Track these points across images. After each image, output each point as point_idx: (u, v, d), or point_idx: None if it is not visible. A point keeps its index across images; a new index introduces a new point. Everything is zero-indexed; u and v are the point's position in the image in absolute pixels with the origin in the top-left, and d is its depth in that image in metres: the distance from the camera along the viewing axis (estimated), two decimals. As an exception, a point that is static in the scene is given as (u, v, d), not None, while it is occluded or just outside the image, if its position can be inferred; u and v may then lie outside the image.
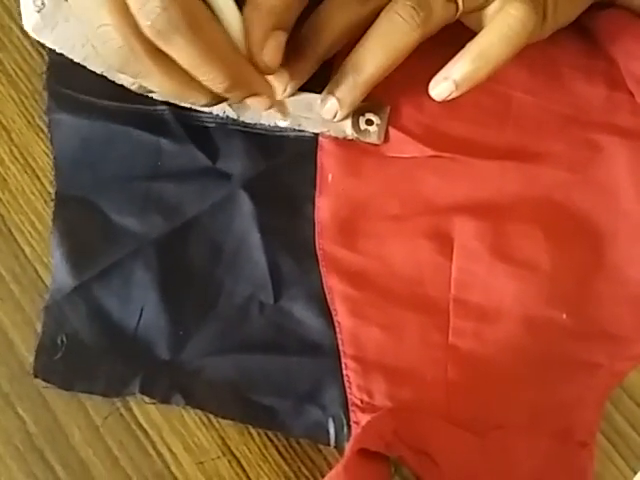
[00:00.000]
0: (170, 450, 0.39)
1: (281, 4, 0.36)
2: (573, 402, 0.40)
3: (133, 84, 0.38)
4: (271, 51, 0.36)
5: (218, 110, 0.42)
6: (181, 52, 0.34)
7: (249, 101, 0.38)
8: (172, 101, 0.41)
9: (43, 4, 0.40)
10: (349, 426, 0.38)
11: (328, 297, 0.41)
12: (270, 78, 0.41)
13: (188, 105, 0.42)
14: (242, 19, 0.36)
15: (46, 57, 0.43)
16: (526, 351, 0.40)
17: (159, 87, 0.36)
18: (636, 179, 0.44)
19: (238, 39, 0.36)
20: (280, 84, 0.41)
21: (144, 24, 0.32)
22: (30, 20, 0.41)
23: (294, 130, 0.43)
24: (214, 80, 0.35)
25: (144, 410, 0.39)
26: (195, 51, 0.34)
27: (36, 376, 0.38)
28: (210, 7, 0.35)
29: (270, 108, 0.40)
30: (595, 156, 0.44)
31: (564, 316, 0.41)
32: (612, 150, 0.44)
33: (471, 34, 0.40)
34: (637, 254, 0.43)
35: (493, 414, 0.39)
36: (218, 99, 0.37)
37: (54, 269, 0.40)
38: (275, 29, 0.36)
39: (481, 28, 0.40)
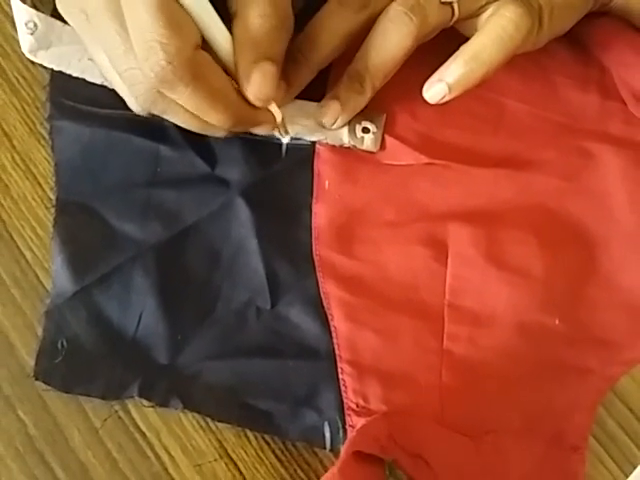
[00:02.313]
0: (168, 453, 0.39)
1: (264, 36, 0.36)
2: (565, 406, 0.40)
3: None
4: (257, 83, 0.37)
5: None
6: (186, 100, 0.36)
7: (254, 130, 0.41)
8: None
9: (35, 26, 0.41)
10: (345, 429, 0.39)
11: (324, 302, 0.41)
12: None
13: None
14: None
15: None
16: (519, 356, 0.41)
17: (184, 124, 0.38)
18: (629, 187, 0.44)
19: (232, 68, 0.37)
20: (277, 92, 0.42)
21: (149, 75, 0.34)
22: (25, 43, 0.42)
23: (291, 138, 0.44)
24: (218, 122, 0.37)
25: (142, 413, 0.40)
26: (198, 99, 0.35)
27: (36, 379, 0.39)
28: (205, 36, 0.36)
29: (273, 130, 0.41)
30: (588, 164, 0.45)
31: (557, 322, 0.41)
32: (605, 158, 0.45)
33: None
34: (629, 261, 0.43)
35: (486, 418, 0.40)
36: (233, 131, 0.40)
37: (54, 274, 0.41)
38: (260, 61, 0.36)
39: None
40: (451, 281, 0.42)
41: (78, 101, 0.43)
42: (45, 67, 0.44)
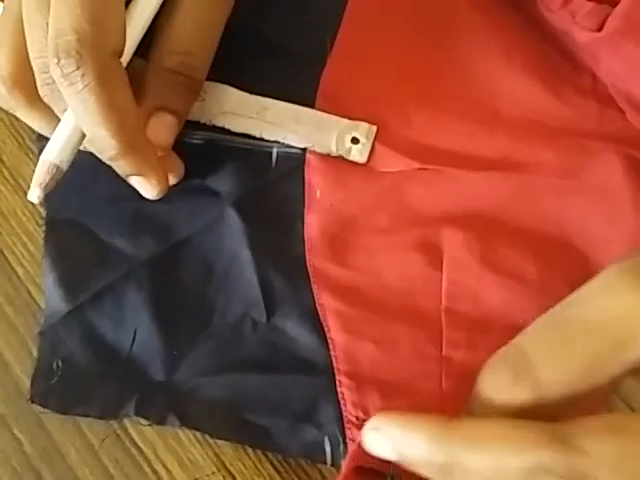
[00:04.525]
0: (165, 467, 0.39)
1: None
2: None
3: None
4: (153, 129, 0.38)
5: (205, 120, 0.42)
6: (79, 97, 0.34)
7: (135, 180, 0.39)
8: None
9: None
10: (345, 443, 0.38)
11: (320, 314, 0.41)
12: None
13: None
14: None
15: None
16: (517, 361, 0.41)
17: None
18: (632, 186, 0.43)
19: None
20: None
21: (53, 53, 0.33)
22: None
23: (282, 146, 0.43)
24: (104, 139, 0.36)
25: (139, 428, 0.39)
26: (93, 102, 0.34)
27: (32, 402, 0.39)
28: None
29: (158, 196, 0.39)
30: (588, 163, 0.44)
31: (554, 324, 0.41)
32: (606, 157, 0.44)
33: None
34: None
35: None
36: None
37: (47, 294, 0.41)
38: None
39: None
40: (447, 286, 0.42)
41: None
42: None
